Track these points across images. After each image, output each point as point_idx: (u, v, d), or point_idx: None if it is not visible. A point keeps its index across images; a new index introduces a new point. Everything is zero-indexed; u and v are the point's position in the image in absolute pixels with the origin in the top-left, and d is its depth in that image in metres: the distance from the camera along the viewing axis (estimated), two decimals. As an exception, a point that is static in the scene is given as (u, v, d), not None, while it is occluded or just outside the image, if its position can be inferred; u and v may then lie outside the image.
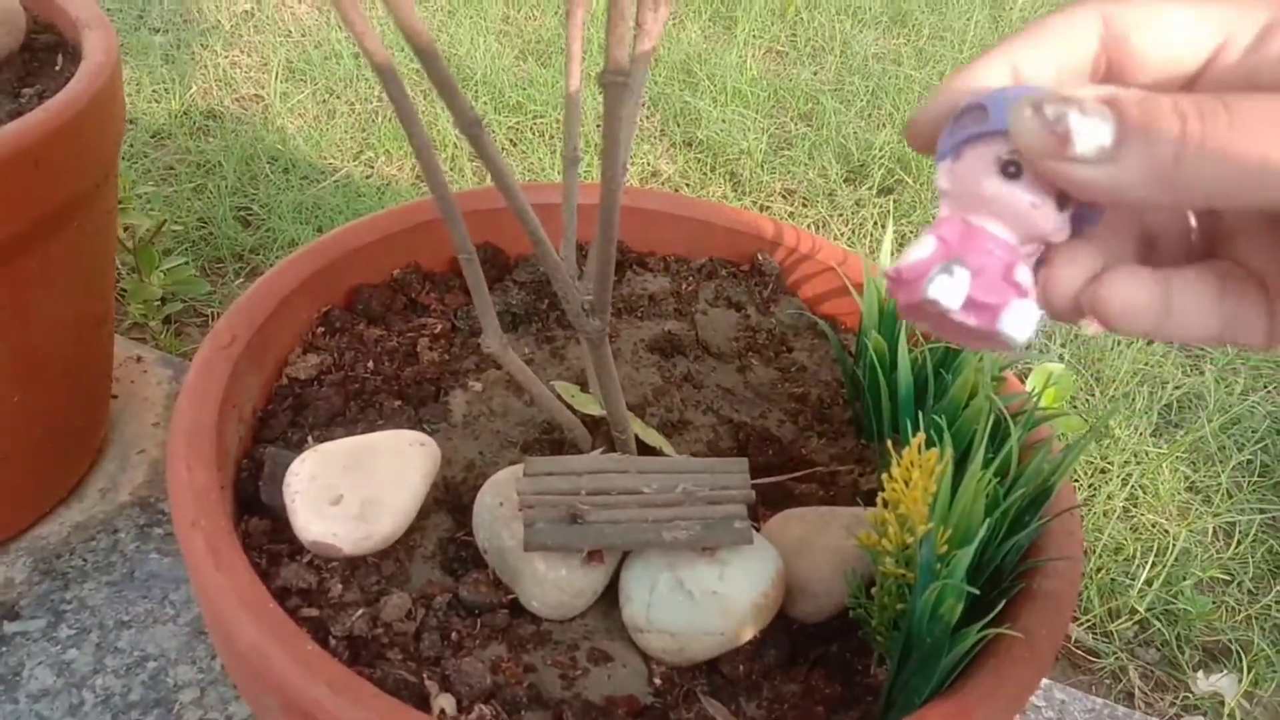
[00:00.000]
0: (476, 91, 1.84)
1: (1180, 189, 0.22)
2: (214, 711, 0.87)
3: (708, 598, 0.52)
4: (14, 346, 0.83)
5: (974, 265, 0.30)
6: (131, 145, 1.61)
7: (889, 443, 0.52)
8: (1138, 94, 0.24)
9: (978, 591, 0.47)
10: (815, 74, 2.10)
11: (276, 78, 1.80)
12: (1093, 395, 1.39)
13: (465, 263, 0.51)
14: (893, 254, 0.70)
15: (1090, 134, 0.23)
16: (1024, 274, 0.30)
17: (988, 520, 0.50)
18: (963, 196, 0.30)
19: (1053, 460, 0.55)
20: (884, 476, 0.50)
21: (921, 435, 0.49)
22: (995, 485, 0.52)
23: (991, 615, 0.49)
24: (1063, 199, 0.28)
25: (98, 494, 1.03)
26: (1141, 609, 1.15)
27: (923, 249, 0.30)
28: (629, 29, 0.43)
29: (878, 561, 0.51)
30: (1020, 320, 0.30)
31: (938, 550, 0.48)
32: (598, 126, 1.77)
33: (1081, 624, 1.14)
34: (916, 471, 0.48)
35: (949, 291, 0.30)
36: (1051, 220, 0.29)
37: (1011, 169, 0.28)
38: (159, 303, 1.24)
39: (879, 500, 0.51)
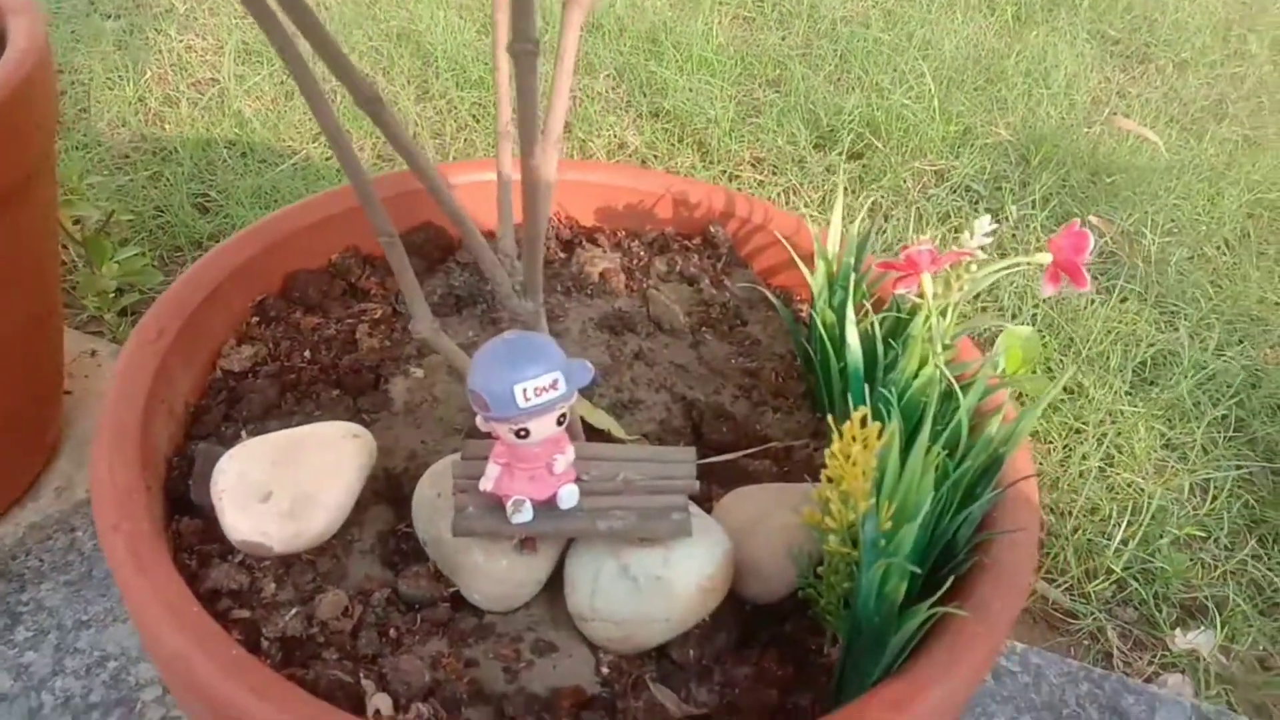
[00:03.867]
0: (438, 67, 1.80)
1: None
2: (176, 710, 0.85)
3: (652, 583, 0.51)
4: (-51, 347, 0.80)
5: (527, 473, 0.49)
6: (85, 135, 1.57)
7: (831, 419, 0.51)
8: None
9: (919, 570, 0.46)
10: (783, 39, 2.06)
11: (232, 60, 1.77)
12: (1065, 356, 1.38)
13: (387, 245, 0.49)
14: (844, 223, 0.68)
15: None
16: (559, 463, 0.50)
17: (935, 494, 0.48)
18: (502, 437, 0.48)
19: (1005, 429, 0.54)
20: (826, 453, 0.48)
21: (865, 409, 0.47)
22: (944, 457, 0.51)
23: (940, 592, 0.47)
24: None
25: (53, 493, 1.01)
26: (1119, 569, 1.14)
27: (492, 473, 0.50)
28: (540, -5, 0.41)
29: (823, 540, 0.49)
30: (567, 495, 0.51)
31: (882, 527, 0.47)
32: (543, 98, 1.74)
33: (1059, 585, 1.13)
34: (858, 446, 0.46)
35: (523, 516, 0.50)
36: (550, 446, 0.49)
37: (523, 433, 0.47)
38: (114, 294, 1.21)
39: (823, 477, 0.49)
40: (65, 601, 0.93)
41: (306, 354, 0.64)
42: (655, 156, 1.69)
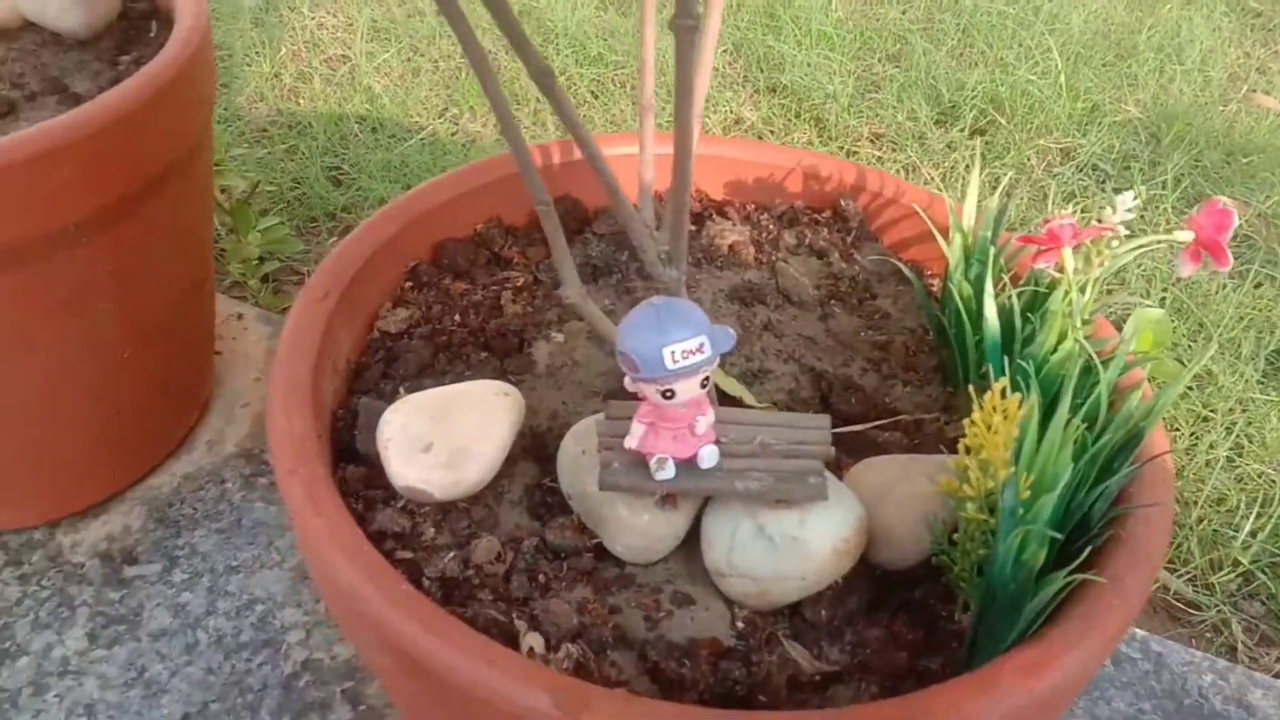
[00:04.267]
0: (558, 44, 1.84)
1: None
2: (319, 652, 0.91)
3: (788, 543, 0.53)
4: (121, 306, 0.87)
5: (670, 433, 0.52)
6: (226, 109, 1.65)
7: (972, 389, 0.52)
8: None
9: (1061, 536, 0.47)
10: (904, 13, 2.04)
11: (362, 38, 1.83)
12: (1195, 341, 1.34)
13: (543, 213, 0.52)
14: (979, 199, 0.68)
15: None
16: (701, 424, 0.52)
17: (1074, 466, 0.49)
18: (649, 398, 0.51)
19: (1144, 405, 0.54)
20: (966, 422, 0.49)
21: (1005, 380, 0.48)
22: (1083, 431, 0.51)
23: (1078, 561, 0.48)
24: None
25: (205, 446, 1.08)
26: (1246, 561, 1.11)
27: (637, 431, 0.52)
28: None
29: (959, 507, 0.51)
30: (708, 455, 0.53)
31: (1021, 496, 0.48)
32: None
33: (1181, 575, 1.11)
34: (999, 417, 0.47)
35: (666, 473, 0.53)
36: (693, 407, 0.51)
37: (669, 393, 0.49)
38: (257, 262, 1.28)
39: (961, 446, 0.50)
40: (217, 547, 0.99)
41: (456, 318, 0.68)
42: (771, 132, 1.69)
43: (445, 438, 0.55)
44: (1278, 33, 2.08)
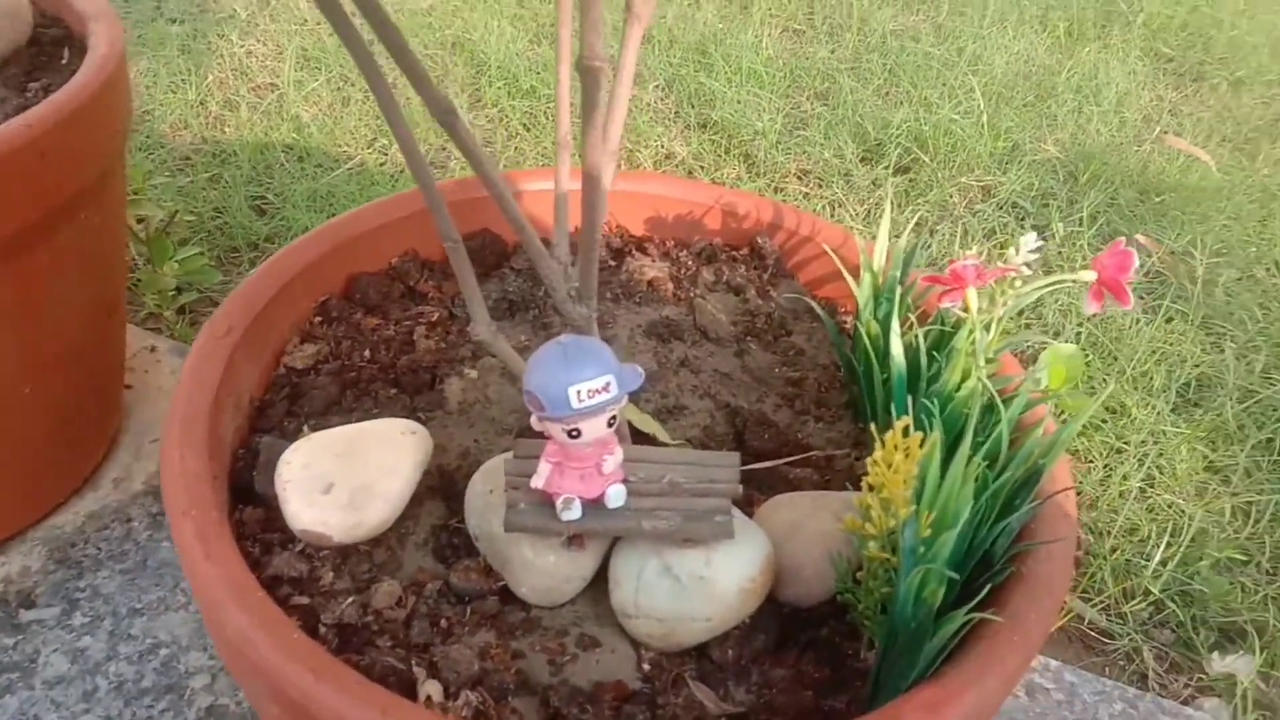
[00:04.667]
0: (490, 77, 1.84)
1: None
2: (224, 698, 0.88)
3: (695, 583, 0.52)
4: (23, 338, 0.84)
5: (577, 472, 0.51)
6: (148, 136, 1.62)
7: (874, 427, 0.52)
8: None
9: (958, 576, 0.47)
10: (833, 52, 2.08)
11: (291, 66, 1.81)
12: (1109, 376, 1.38)
13: (451, 250, 0.52)
14: (890, 238, 0.69)
15: None
16: (608, 463, 0.52)
17: (974, 503, 0.49)
18: (555, 437, 0.50)
19: (1045, 441, 0.55)
20: (869, 460, 0.49)
21: (907, 419, 0.48)
22: (984, 468, 0.52)
23: (977, 599, 0.49)
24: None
25: (111, 483, 1.04)
26: (1156, 590, 1.13)
27: (544, 471, 0.52)
28: (605, 13, 0.43)
29: (862, 546, 0.51)
30: (615, 494, 0.53)
31: (921, 534, 0.48)
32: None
33: (1095, 605, 1.13)
34: (900, 455, 0.48)
35: (572, 513, 0.52)
36: (600, 447, 0.51)
37: (574, 433, 0.49)
38: (173, 293, 1.25)
39: (864, 485, 0.50)
40: (120, 589, 0.96)
41: (366, 353, 0.67)
42: (701, 168, 1.71)
43: (347, 478, 0.54)
44: (1189, 76, 2.16)
